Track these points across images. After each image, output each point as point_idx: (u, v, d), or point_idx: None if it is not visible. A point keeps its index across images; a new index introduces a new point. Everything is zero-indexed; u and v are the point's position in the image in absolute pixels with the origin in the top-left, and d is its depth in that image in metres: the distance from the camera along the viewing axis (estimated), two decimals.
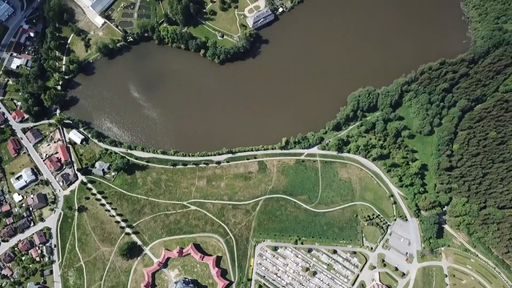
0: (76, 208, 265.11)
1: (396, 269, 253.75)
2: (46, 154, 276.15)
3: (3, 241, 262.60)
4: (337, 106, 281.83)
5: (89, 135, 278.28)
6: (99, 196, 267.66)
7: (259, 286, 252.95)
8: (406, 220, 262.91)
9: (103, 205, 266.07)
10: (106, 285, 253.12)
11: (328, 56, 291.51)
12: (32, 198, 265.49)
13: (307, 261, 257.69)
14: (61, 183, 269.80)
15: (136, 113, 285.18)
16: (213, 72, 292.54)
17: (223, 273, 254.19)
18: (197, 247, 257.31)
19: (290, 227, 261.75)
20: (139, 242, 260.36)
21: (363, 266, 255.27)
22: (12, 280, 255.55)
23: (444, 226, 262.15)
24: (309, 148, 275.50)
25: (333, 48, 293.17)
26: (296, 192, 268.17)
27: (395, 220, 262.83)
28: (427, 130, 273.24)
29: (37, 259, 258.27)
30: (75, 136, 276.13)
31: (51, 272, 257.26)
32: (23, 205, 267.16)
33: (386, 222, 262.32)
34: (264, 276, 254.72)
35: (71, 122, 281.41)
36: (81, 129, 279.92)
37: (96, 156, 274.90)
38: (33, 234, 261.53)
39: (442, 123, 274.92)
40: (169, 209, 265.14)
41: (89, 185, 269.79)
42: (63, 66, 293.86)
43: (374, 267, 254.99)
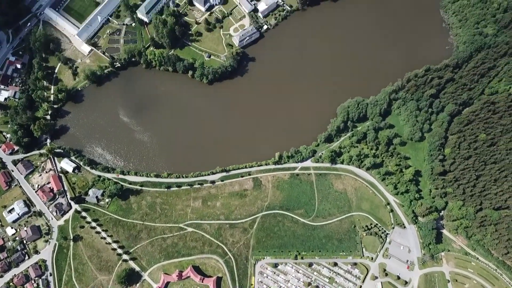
0: (71, 238, 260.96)
1: (398, 278, 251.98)
2: (38, 185, 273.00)
3: None
4: (328, 118, 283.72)
5: (81, 163, 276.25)
6: (94, 224, 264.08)
7: None
8: (404, 228, 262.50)
9: (99, 233, 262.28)
10: None
11: (315, 69, 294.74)
12: (26, 231, 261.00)
13: (309, 276, 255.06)
14: (55, 213, 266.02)
15: (127, 138, 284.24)
16: (202, 92, 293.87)
17: None
18: (197, 269, 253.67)
19: (289, 243, 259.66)
20: (137, 268, 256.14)
21: (365, 277, 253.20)
22: None
23: (443, 231, 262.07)
24: (303, 162, 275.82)
25: (320, 61, 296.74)
26: (293, 207, 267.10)
27: (393, 228, 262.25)
28: (418, 137, 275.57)
29: None
30: (67, 165, 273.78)
31: None
32: (17, 239, 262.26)
33: (385, 231, 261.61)
34: None
35: (62, 151, 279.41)
36: (73, 158, 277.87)
37: (89, 184, 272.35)
38: (28, 268, 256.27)
39: (432, 129, 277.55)
40: (166, 233, 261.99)
41: (84, 214, 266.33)
42: (52, 96, 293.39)
43: (376, 277, 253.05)
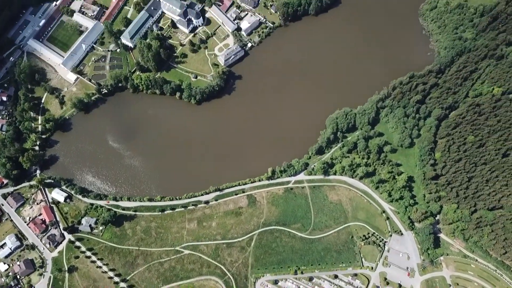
0: (66, 269, 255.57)
1: (400, 286, 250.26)
2: (30, 217, 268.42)
3: None
4: (317, 130, 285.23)
5: (73, 192, 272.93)
6: (89, 253, 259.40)
7: None
8: (402, 234, 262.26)
9: (94, 262, 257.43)
10: None
11: (302, 83, 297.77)
12: (19, 265, 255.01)
13: None
14: (48, 245, 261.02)
15: (118, 164, 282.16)
16: (191, 113, 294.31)
17: None
18: None
19: (288, 258, 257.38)
20: None
21: (367, 287, 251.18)
22: None
23: (440, 235, 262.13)
24: (296, 175, 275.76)
25: (305, 75, 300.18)
26: (289, 222, 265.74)
27: (391, 236, 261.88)
28: (408, 143, 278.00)
29: None
30: (58, 195, 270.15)
31: None
32: (10, 274, 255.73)
33: (382, 239, 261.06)
34: None
35: (53, 181, 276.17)
36: (64, 187, 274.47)
37: (82, 213, 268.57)
38: None
39: (421, 134, 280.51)
40: (163, 257, 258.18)
41: (78, 243, 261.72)
42: (39, 126, 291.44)
43: (378, 287, 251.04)
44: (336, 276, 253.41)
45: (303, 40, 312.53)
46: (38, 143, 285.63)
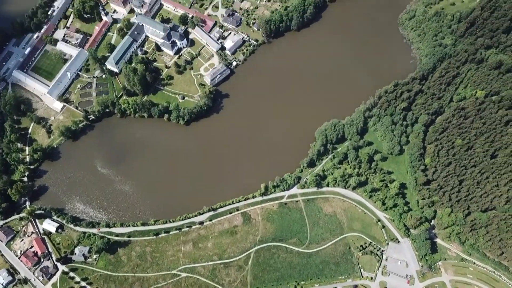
0: None
1: None
2: (21, 251, 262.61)
3: None
4: (307, 143, 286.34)
5: (64, 222, 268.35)
6: (84, 283, 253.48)
7: None
8: (398, 242, 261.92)
9: None
10: None
11: (288, 97, 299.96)
12: None
13: None
14: (41, 278, 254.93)
15: (109, 190, 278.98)
16: (180, 134, 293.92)
17: None
18: None
19: (287, 274, 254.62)
20: None
21: None
22: None
23: (436, 240, 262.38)
24: (289, 190, 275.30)
25: (292, 89, 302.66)
26: (286, 237, 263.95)
27: (388, 244, 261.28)
28: (397, 150, 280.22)
29: None
30: (49, 225, 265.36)
31: None
32: None
33: (380, 248, 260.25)
34: None
35: (43, 212, 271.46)
36: (55, 217, 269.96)
37: (75, 242, 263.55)
38: None
39: (410, 141, 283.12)
40: (160, 281, 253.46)
41: (72, 274, 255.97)
42: (27, 157, 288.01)
43: None
44: None
45: (287, 56, 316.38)
46: (27, 174, 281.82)
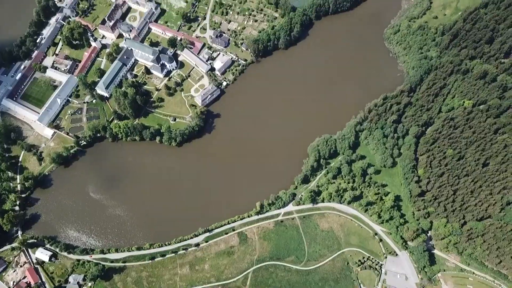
0: None
1: None
2: (14, 282, 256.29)
3: None
4: (300, 159, 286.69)
5: (57, 250, 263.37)
6: None
7: None
8: (397, 255, 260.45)
9: None
10: None
11: (279, 114, 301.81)
12: None
13: None
14: None
15: (102, 215, 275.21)
16: (173, 156, 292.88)
17: None
18: None
19: None
20: None
21: None
22: None
23: (434, 252, 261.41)
24: (285, 207, 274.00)
25: (283, 106, 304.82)
26: (283, 255, 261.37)
27: (386, 258, 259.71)
28: (390, 163, 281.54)
29: None
30: (42, 254, 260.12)
31: None
32: None
33: (378, 262, 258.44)
34: None
35: (36, 241, 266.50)
36: (48, 246, 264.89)
37: (69, 270, 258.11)
38: None
39: (402, 153, 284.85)
40: None
41: None
42: (18, 185, 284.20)
43: None
44: None
45: (276, 74, 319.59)
46: (18, 203, 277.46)
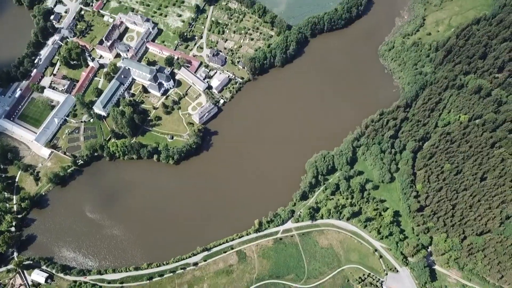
0: None
1: None
2: None
3: None
4: (298, 176, 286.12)
5: (54, 271, 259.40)
6: None
7: None
8: (397, 272, 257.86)
9: None
10: None
11: (277, 132, 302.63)
12: None
13: None
14: None
15: (99, 235, 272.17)
16: (171, 174, 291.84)
17: None
18: None
19: None
20: None
21: None
22: None
23: (435, 267, 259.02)
24: (283, 224, 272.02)
25: (280, 123, 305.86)
26: (283, 273, 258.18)
27: (387, 275, 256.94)
28: (388, 178, 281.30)
29: None
30: (38, 276, 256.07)
31: None
32: None
33: (379, 279, 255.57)
34: None
35: (32, 262, 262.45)
36: (44, 267, 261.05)
37: None
38: None
39: (399, 168, 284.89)
40: None
41: None
42: (15, 206, 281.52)
43: None
44: None
45: (273, 91, 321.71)
46: (14, 224, 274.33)
